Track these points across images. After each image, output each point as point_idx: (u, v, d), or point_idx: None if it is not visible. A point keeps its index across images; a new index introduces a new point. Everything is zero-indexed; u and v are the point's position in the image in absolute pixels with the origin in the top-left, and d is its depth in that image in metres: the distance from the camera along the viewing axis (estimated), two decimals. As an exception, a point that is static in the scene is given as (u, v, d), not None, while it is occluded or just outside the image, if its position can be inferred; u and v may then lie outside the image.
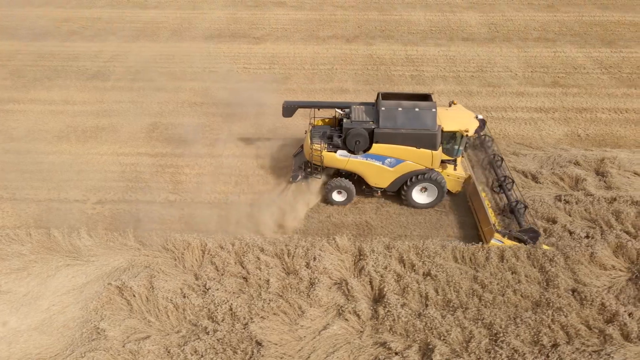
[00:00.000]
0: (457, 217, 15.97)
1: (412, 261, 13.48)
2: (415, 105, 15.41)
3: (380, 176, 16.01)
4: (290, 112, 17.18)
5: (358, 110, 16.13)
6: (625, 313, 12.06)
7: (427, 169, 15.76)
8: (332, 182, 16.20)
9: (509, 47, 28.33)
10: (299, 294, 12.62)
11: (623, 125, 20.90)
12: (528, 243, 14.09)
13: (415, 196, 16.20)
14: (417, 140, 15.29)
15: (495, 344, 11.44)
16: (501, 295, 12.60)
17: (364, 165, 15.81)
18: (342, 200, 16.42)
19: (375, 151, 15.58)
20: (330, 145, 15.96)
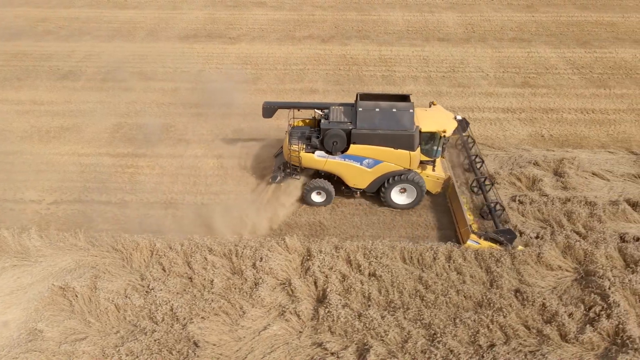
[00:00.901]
0: (411, 217, 16.00)
1: (359, 262, 13.50)
2: (392, 106, 15.46)
3: (359, 177, 16.00)
4: (270, 112, 17.15)
5: (337, 111, 16.14)
6: (565, 314, 12.09)
7: (406, 169, 15.75)
8: (311, 183, 16.17)
9: (483, 47, 28.36)
10: (242, 294, 12.64)
11: (588, 126, 20.94)
12: (504, 244, 14.05)
13: (394, 197, 16.18)
14: (395, 141, 15.28)
15: (432, 344, 11.48)
16: (444, 295, 12.63)
17: (342, 166, 15.80)
18: (322, 201, 16.38)
19: (353, 152, 15.58)
20: (309, 146, 15.96)
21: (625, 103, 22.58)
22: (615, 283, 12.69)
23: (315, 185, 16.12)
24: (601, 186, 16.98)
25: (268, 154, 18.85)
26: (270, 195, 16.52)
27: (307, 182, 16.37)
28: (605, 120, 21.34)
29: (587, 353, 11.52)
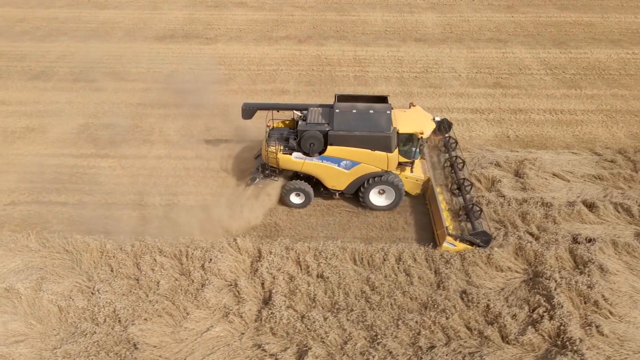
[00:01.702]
0: (367, 218, 16.00)
1: (308, 263, 13.49)
2: (369, 107, 15.47)
3: (337, 178, 15.98)
4: (249, 114, 17.10)
5: (315, 112, 16.16)
6: (508, 315, 12.09)
7: (384, 171, 15.74)
8: (290, 185, 16.15)
9: (459, 47, 28.35)
10: (187, 296, 12.64)
11: (555, 127, 20.94)
12: (480, 246, 14.02)
13: (373, 198, 16.13)
14: (372, 142, 15.25)
15: (371, 346, 11.48)
16: (389, 297, 12.63)
17: (320, 167, 15.78)
18: (300, 203, 16.35)
19: (330, 153, 15.56)
20: (287, 147, 15.95)
21: (594, 104, 22.58)
22: (561, 284, 12.68)
23: (293, 187, 16.09)
24: (561, 187, 16.97)
25: (232, 154, 18.88)
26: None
27: (285, 184, 16.36)
28: (572, 120, 21.34)
29: (527, 354, 11.52)
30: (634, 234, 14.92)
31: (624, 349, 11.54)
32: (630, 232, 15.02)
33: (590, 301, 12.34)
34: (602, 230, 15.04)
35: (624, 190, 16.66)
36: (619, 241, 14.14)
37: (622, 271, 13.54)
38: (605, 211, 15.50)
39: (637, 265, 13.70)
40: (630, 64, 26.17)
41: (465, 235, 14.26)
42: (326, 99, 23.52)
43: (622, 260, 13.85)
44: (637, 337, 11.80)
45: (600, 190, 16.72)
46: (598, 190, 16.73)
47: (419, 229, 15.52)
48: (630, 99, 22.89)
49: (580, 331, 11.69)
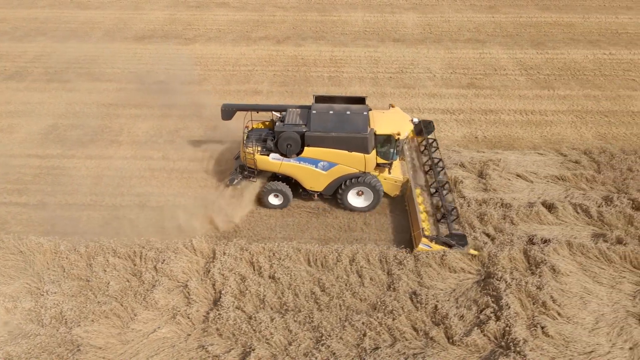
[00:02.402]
0: (326, 219, 16.00)
1: (261, 264, 13.51)
2: (346, 108, 15.50)
3: (315, 180, 15.96)
4: (228, 114, 17.10)
5: (293, 113, 16.20)
6: (455, 316, 12.10)
7: (362, 172, 15.74)
8: (268, 186, 16.15)
9: (437, 48, 28.35)
10: (136, 297, 12.65)
11: (524, 127, 20.94)
12: (456, 248, 13.97)
13: (351, 200, 16.12)
14: (349, 143, 15.25)
15: (315, 347, 11.48)
16: (338, 298, 12.64)
17: (298, 168, 15.78)
18: (279, 204, 16.34)
19: (307, 154, 15.55)
20: (264, 148, 15.95)
21: (566, 104, 22.59)
22: (511, 285, 12.68)
23: (272, 188, 16.08)
24: (523, 188, 16.97)
25: (199, 156, 18.86)
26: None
27: (264, 185, 16.34)
28: (542, 121, 21.34)
29: (471, 355, 11.53)
30: (591, 235, 14.93)
31: (569, 350, 11.55)
32: (588, 233, 15.03)
33: (539, 302, 12.35)
34: (559, 231, 15.05)
35: (586, 191, 16.66)
36: (574, 242, 14.13)
37: (575, 272, 13.54)
38: (564, 212, 15.50)
39: (591, 266, 13.70)
40: (606, 65, 26.18)
41: (441, 237, 14.21)
42: (299, 99, 23.56)
43: (576, 261, 13.85)
44: (583, 338, 11.81)
45: (562, 191, 16.72)
46: (560, 191, 16.74)
47: (377, 230, 15.52)
48: (602, 100, 22.90)
49: (526, 332, 11.69)
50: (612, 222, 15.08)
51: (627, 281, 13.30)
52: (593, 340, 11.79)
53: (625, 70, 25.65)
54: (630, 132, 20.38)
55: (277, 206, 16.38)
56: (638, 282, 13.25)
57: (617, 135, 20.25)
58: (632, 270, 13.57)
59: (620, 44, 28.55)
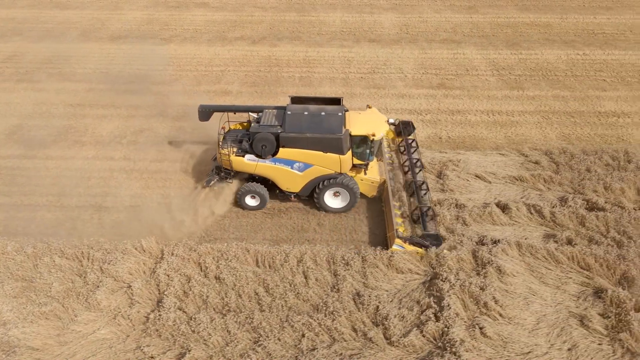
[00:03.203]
0: (280, 219, 16.03)
1: (208, 264, 13.50)
2: (321, 109, 15.52)
3: (291, 181, 15.96)
4: (206, 115, 17.09)
5: (269, 114, 16.22)
6: (396, 317, 12.09)
7: (337, 173, 15.73)
8: (244, 187, 16.14)
9: (411, 48, 28.34)
10: (79, 298, 12.64)
11: (489, 127, 20.94)
12: (430, 249, 13.94)
13: (328, 201, 16.12)
14: (323, 144, 15.26)
15: (251, 348, 11.48)
16: (281, 298, 12.63)
17: (273, 169, 15.77)
18: (256, 205, 16.31)
19: (282, 155, 15.55)
20: (240, 150, 15.95)
21: (533, 105, 22.60)
22: (455, 286, 12.68)
23: (248, 189, 16.07)
24: (480, 188, 16.97)
25: (160, 157, 18.93)
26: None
27: (240, 186, 16.34)
28: (508, 121, 21.35)
29: (408, 356, 11.52)
30: (543, 235, 14.95)
31: (506, 351, 11.55)
32: (540, 233, 15.05)
33: (481, 303, 12.34)
34: (511, 232, 15.06)
35: (542, 192, 16.67)
36: (523, 243, 14.13)
37: (522, 273, 13.54)
38: (518, 213, 15.49)
39: (538, 266, 13.70)
40: (578, 65, 26.19)
41: (414, 238, 14.18)
42: (267, 99, 23.55)
43: (524, 262, 13.84)
44: (522, 338, 11.81)
45: (518, 192, 16.74)
46: (517, 192, 16.75)
47: (330, 231, 15.54)
48: (571, 100, 22.91)
49: (464, 333, 11.68)
50: (564, 222, 15.09)
51: (573, 282, 13.30)
52: (532, 341, 11.79)
53: (597, 70, 25.66)
54: (595, 133, 20.41)
55: (254, 207, 16.36)
56: (583, 283, 13.26)
57: (581, 135, 20.27)
58: (579, 271, 13.57)
59: (595, 44, 28.57)
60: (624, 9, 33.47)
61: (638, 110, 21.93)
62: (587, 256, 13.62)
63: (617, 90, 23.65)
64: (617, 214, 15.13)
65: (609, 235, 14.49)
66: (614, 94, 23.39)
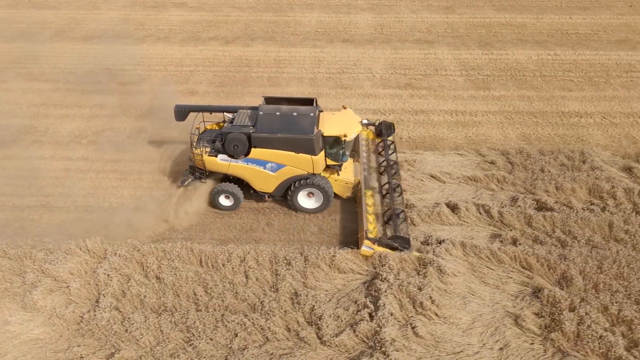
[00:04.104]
0: (230, 219, 16.03)
1: (149, 264, 13.50)
2: (293, 110, 15.53)
3: (264, 181, 15.96)
4: (182, 116, 17.07)
5: (243, 114, 16.24)
6: (330, 317, 12.10)
7: (310, 174, 15.74)
8: (218, 187, 16.17)
9: (383, 48, 28.35)
10: (15, 298, 12.63)
11: (451, 127, 20.95)
12: (399, 250, 13.90)
13: (301, 201, 16.13)
14: (295, 145, 15.26)
15: (181, 347, 11.49)
16: (218, 298, 12.63)
17: (246, 169, 15.77)
18: (230, 205, 16.33)
19: (254, 156, 15.55)
20: (213, 150, 15.97)
21: (498, 105, 22.59)
22: (393, 286, 12.69)
23: (221, 189, 16.09)
24: (434, 188, 16.97)
25: (117, 157, 18.90)
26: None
27: (215, 186, 16.35)
28: (470, 121, 21.36)
29: (339, 356, 11.53)
30: (490, 235, 14.96)
31: (438, 350, 11.56)
32: (487, 233, 15.05)
33: (417, 303, 12.36)
34: (459, 232, 15.06)
35: (495, 192, 16.68)
36: (467, 243, 14.14)
37: (464, 272, 13.55)
38: (467, 213, 15.48)
39: (480, 266, 13.71)
40: (548, 65, 26.21)
41: (383, 239, 14.13)
42: (233, 99, 23.55)
43: (467, 262, 13.84)
44: (455, 338, 11.83)
45: (471, 192, 16.73)
46: (469, 192, 16.75)
47: (278, 231, 15.56)
48: (536, 100, 22.94)
49: (397, 332, 11.67)
50: (512, 222, 15.08)
51: (513, 281, 13.31)
52: (465, 340, 11.81)
53: (565, 71, 25.68)
54: (555, 133, 20.43)
55: (228, 208, 16.38)
56: (523, 283, 13.27)
57: (541, 135, 20.29)
58: (520, 270, 13.58)
59: (568, 44, 28.60)
60: (601, 9, 33.52)
61: (601, 110, 21.99)
62: (529, 256, 13.64)
63: (582, 91, 23.70)
64: (564, 214, 15.14)
65: (554, 235, 14.52)
66: (580, 94, 23.44)
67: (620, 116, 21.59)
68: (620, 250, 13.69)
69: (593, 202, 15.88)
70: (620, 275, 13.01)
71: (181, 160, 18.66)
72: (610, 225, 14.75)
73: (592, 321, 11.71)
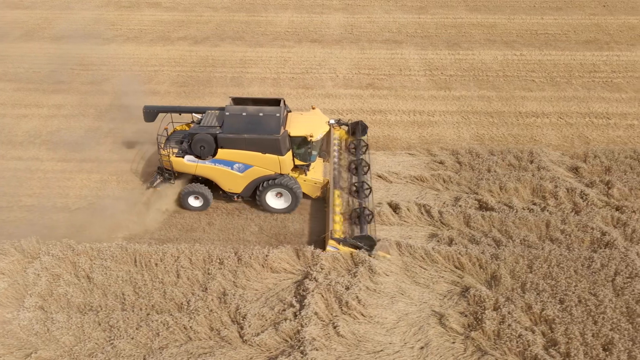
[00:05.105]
0: (172, 219, 16.04)
1: (81, 264, 13.50)
2: (259, 110, 15.55)
3: (232, 181, 15.98)
4: (151, 116, 17.13)
5: (211, 115, 16.32)
6: (254, 316, 12.12)
7: (277, 174, 15.77)
8: (187, 188, 16.19)
9: (351, 48, 28.37)
10: (-59, 298, 12.67)
11: (406, 127, 20.99)
12: (364, 250, 13.92)
13: (270, 201, 16.17)
14: (262, 145, 15.30)
15: (100, 347, 11.50)
16: (145, 297, 12.65)
17: (214, 170, 15.80)
18: (200, 206, 16.36)
19: (221, 156, 15.58)
20: (180, 150, 15.98)
21: (457, 105, 22.64)
22: (321, 285, 12.72)
23: (190, 190, 16.11)
24: (379, 188, 16.93)
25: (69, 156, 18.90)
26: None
27: (183, 187, 16.37)
28: (426, 121, 21.40)
29: (260, 355, 11.56)
30: (428, 235, 15.01)
31: (358, 349, 11.58)
32: (425, 233, 15.09)
33: (343, 302, 12.38)
34: (398, 231, 15.10)
35: (439, 192, 16.71)
36: (403, 242, 14.18)
37: (396, 272, 13.58)
38: (408, 212, 15.53)
39: (414, 266, 13.74)
40: (512, 66, 26.25)
41: (348, 239, 14.14)
42: (195, 100, 23.56)
43: (402, 261, 13.88)
44: (377, 337, 11.86)
45: (416, 192, 16.77)
46: (414, 192, 16.78)
47: (218, 230, 15.59)
48: (495, 100, 22.97)
49: (318, 332, 11.71)
50: (450, 222, 15.13)
51: (444, 281, 13.36)
52: (387, 339, 11.84)
53: (529, 71, 25.72)
54: (509, 133, 20.47)
55: (198, 208, 16.41)
56: (454, 282, 13.31)
57: (495, 135, 20.32)
58: (452, 270, 13.62)
59: (535, 44, 28.64)
60: (574, 9, 33.57)
61: (558, 110, 22.04)
62: (462, 256, 13.67)
63: (543, 91, 23.76)
64: (503, 214, 15.20)
65: (490, 235, 14.56)
66: (540, 94, 23.50)
67: (576, 116, 21.67)
68: (553, 250, 13.72)
69: (535, 202, 15.95)
70: (549, 274, 13.07)
71: (134, 160, 18.72)
72: (548, 224, 14.81)
73: (514, 320, 11.77)
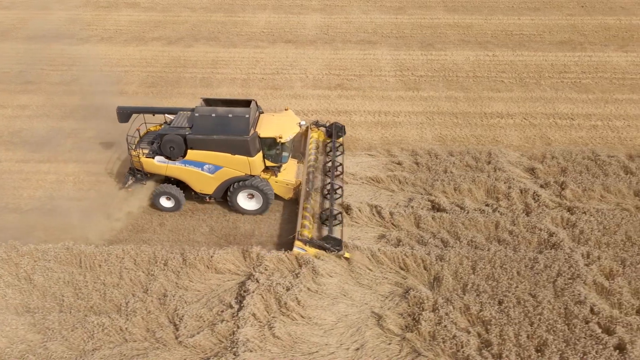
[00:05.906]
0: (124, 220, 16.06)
1: (24, 265, 13.43)
2: (229, 111, 15.52)
3: (203, 182, 15.95)
4: (124, 117, 17.06)
5: (182, 116, 16.31)
6: (191, 318, 12.08)
7: (248, 175, 15.74)
8: (158, 188, 16.18)
9: (324, 49, 28.35)
10: None
11: (370, 128, 20.97)
12: (331, 251, 13.87)
13: (241, 203, 16.14)
14: (231, 146, 15.29)
15: (31, 349, 11.46)
16: (84, 299, 12.62)
17: (184, 171, 15.78)
18: (172, 207, 16.33)
19: (191, 157, 15.56)
20: (151, 151, 15.96)
21: (423, 106, 22.63)
22: (262, 286, 12.69)
23: (161, 191, 16.09)
24: (335, 189, 17.01)
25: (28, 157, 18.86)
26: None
27: (155, 188, 16.34)
28: (390, 122, 21.39)
29: (195, 356, 11.53)
30: (378, 236, 14.98)
31: (293, 351, 11.54)
32: (375, 234, 15.06)
33: (282, 303, 12.35)
34: (349, 232, 15.03)
35: (394, 193, 16.68)
36: (350, 243, 14.11)
37: (341, 273, 13.54)
38: (360, 214, 15.50)
39: (359, 267, 13.67)
40: (483, 66, 26.24)
41: (314, 240, 14.11)
42: (162, 100, 23.50)
43: (347, 262, 13.85)
44: (313, 339, 11.81)
45: (371, 193, 16.74)
46: (369, 193, 16.75)
47: (169, 231, 15.56)
48: (462, 101, 22.97)
49: (253, 333, 11.67)
50: (401, 223, 15.12)
51: (388, 282, 13.33)
52: (323, 340, 11.80)
53: (499, 72, 25.72)
54: (472, 134, 20.45)
55: (170, 209, 16.37)
56: (397, 283, 13.28)
57: (457, 136, 20.31)
58: (397, 271, 13.59)
59: (509, 45, 28.65)
60: (551, 10, 33.60)
61: (524, 111, 22.04)
62: (407, 257, 13.64)
63: (511, 92, 23.76)
64: (454, 215, 15.19)
65: (438, 236, 14.55)
66: (507, 95, 23.50)
67: (541, 117, 21.67)
68: (498, 252, 13.70)
69: (488, 204, 15.93)
70: (491, 275, 13.05)
71: (95, 161, 18.68)
72: (497, 225, 14.81)
73: (450, 321, 11.75)
